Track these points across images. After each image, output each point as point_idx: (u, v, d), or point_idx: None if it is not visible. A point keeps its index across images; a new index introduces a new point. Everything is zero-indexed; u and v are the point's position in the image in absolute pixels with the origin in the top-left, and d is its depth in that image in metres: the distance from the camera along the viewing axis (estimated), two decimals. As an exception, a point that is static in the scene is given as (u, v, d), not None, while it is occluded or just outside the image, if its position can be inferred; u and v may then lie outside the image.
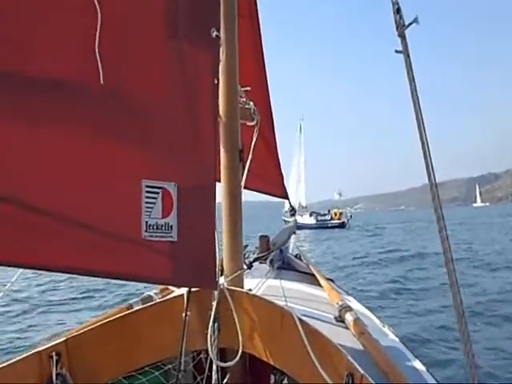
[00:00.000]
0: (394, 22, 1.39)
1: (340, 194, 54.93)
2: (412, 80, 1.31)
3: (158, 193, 1.45)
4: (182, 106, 1.55)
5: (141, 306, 1.81)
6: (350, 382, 1.29)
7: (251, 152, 2.08)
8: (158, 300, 1.95)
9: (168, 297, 1.94)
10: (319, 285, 2.47)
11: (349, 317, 1.84)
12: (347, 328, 1.81)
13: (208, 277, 1.56)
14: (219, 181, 1.74)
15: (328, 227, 44.05)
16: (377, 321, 2.27)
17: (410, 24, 1.37)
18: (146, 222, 1.42)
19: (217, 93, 1.68)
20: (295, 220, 4.12)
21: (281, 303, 1.60)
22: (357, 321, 1.79)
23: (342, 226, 45.29)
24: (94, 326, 1.65)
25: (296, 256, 3.36)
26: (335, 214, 48.42)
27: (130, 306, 1.92)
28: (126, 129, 1.42)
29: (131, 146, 1.42)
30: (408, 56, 1.33)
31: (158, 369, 1.72)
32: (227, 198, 1.74)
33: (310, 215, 48.44)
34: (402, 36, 1.37)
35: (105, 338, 1.62)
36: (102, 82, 1.30)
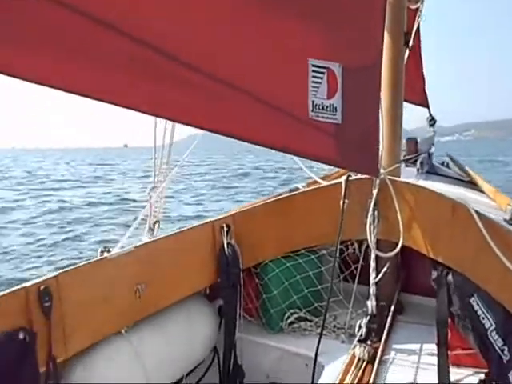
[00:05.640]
0: None
1: None
2: None
3: (323, 73, 1.40)
4: None
5: (301, 190, 1.86)
6: None
7: (412, 38, 1.89)
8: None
9: (324, 184, 1.96)
10: (478, 190, 2.30)
11: None
12: None
13: (370, 163, 1.52)
14: None
15: None
16: None
17: None
18: (313, 102, 1.39)
19: None
20: (434, 131, 3.84)
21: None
22: None
23: None
24: (257, 204, 1.75)
25: (442, 164, 3.17)
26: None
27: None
28: (294, 3, 1.36)
29: (299, 21, 1.34)
30: None
31: (314, 253, 1.79)
32: (389, 82, 1.62)
33: None
34: None
35: (267, 216, 1.71)
36: None
